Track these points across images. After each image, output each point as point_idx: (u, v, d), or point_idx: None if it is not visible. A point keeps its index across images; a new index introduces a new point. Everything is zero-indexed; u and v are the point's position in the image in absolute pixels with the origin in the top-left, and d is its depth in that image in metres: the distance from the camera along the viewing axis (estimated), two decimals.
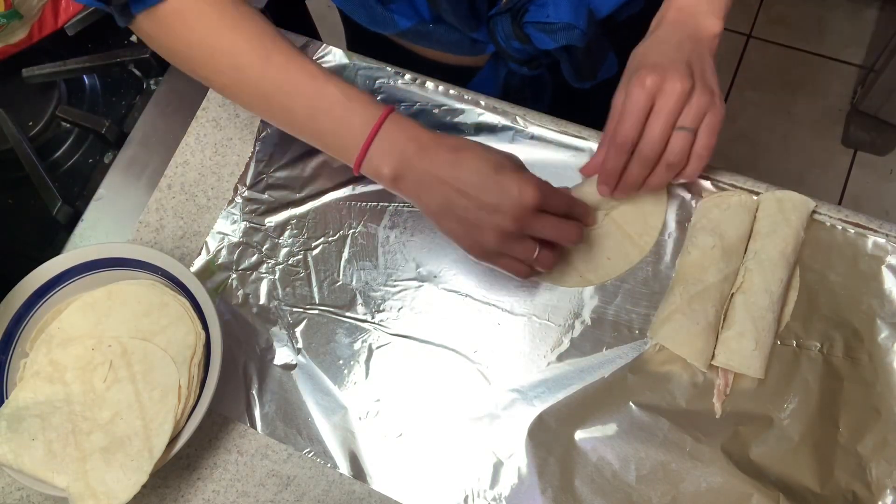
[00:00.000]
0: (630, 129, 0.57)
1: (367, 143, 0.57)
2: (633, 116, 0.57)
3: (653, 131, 0.57)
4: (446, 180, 0.56)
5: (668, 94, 0.56)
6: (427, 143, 0.57)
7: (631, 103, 0.57)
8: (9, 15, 0.80)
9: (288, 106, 0.60)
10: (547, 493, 0.58)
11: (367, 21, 0.70)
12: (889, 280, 0.61)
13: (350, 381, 0.64)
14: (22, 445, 0.58)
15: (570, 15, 0.63)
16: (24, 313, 0.63)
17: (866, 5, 1.76)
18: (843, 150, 1.65)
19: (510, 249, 0.57)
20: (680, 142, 0.57)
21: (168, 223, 0.71)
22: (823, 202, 0.64)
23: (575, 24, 0.64)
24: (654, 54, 0.59)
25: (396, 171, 0.57)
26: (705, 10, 0.60)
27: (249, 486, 0.62)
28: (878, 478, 0.55)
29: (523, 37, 0.65)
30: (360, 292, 0.66)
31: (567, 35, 0.64)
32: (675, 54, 0.58)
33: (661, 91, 0.56)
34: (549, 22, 0.64)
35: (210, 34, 0.59)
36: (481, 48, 0.70)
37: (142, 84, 0.83)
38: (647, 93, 0.56)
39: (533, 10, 0.64)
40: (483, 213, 0.55)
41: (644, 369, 0.61)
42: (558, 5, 0.64)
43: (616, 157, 0.59)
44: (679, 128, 0.57)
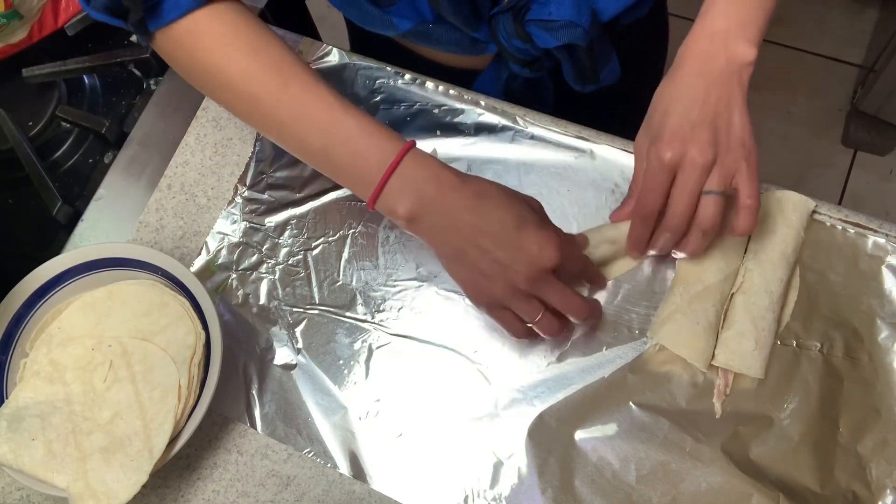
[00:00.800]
0: (653, 203, 0.56)
1: (384, 181, 0.55)
2: (655, 191, 0.55)
3: (676, 206, 0.55)
4: (463, 227, 0.54)
5: (688, 169, 0.54)
6: (447, 184, 0.55)
7: (651, 177, 0.55)
8: (9, 15, 0.80)
9: (303, 136, 0.57)
10: (547, 493, 0.58)
11: (366, 23, 0.70)
12: (889, 280, 0.61)
13: (350, 381, 0.64)
14: (22, 445, 0.58)
15: (572, 12, 0.63)
16: (24, 313, 0.63)
17: (866, 5, 1.76)
18: (843, 150, 1.65)
19: (515, 306, 0.56)
20: (711, 207, 0.54)
21: (168, 223, 0.71)
22: (823, 202, 0.64)
23: (577, 22, 0.63)
24: (676, 114, 0.55)
25: (412, 212, 0.55)
26: (738, 36, 0.55)
27: (249, 486, 0.62)
28: (878, 478, 0.55)
29: (525, 35, 0.65)
30: (360, 292, 0.66)
31: (569, 33, 0.64)
32: (699, 114, 0.54)
33: (682, 166, 0.54)
34: (551, 19, 0.64)
35: (226, 58, 0.57)
36: (482, 48, 0.70)
37: (142, 84, 0.83)
38: (668, 168, 0.54)
39: (535, 9, 0.64)
40: (496, 265, 0.54)
41: (644, 369, 0.61)
42: (561, 3, 0.63)
43: (642, 228, 0.58)
44: (707, 192, 0.54)
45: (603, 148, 0.68)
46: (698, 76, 0.55)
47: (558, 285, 0.55)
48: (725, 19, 0.55)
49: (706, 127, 0.54)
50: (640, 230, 0.59)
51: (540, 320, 0.56)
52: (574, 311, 0.56)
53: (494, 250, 0.54)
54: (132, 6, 0.56)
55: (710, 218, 0.55)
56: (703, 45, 0.56)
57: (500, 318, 0.58)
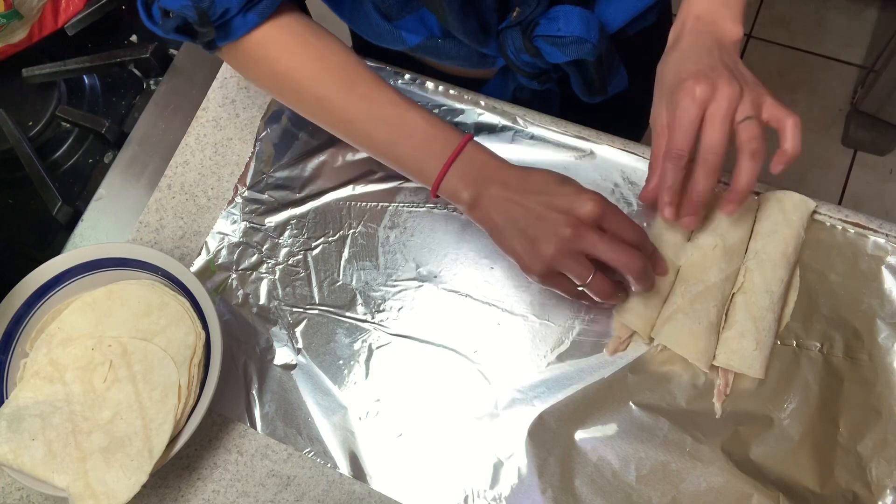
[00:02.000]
0: (684, 140, 0.55)
1: (447, 167, 0.59)
2: (686, 128, 0.55)
3: (712, 136, 0.54)
4: (513, 195, 0.57)
5: (720, 100, 0.54)
6: (503, 166, 0.59)
7: (682, 115, 0.55)
8: (9, 15, 0.80)
9: (370, 132, 0.62)
10: (547, 493, 0.58)
11: (375, 38, 0.70)
12: (889, 280, 0.61)
13: (350, 381, 0.64)
14: (22, 445, 0.58)
15: (581, 29, 0.63)
16: (24, 313, 0.63)
17: (866, 5, 1.76)
18: (843, 150, 1.65)
19: (566, 267, 0.56)
20: (752, 129, 0.54)
21: (168, 223, 0.71)
22: (823, 202, 0.64)
23: (586, 38, 0.63)
24: (690, 63, 0.57)
25: (473, 194, 0.59)
26: (724, 16, 0.59)
27: (249, 486, 0.62)
28: (878, 478, 0.55)
29: (533, 50, 0.65)
30: (360, 292, 0.66)
31: (578, 49, 0.64)
32: (711, 60, 0.56)
33: (713, 98, 0.54)
34: (560, 35, 0.64)
35: (294, 66, 0.62)
36: (490, 62, 0.70)
37: (142, 84, 0.83)
38: (699, 102, 0.54)
39: (543, 24, 0.64)
40: (542, 224, 0.55)
41: (644, 369, 0.61)
42: (569, 19, 0.63)
43: (674, 172, 0.56)
44: (741, 120, 0.54)
45: (603, 148, 0.68)
46: (697, 41, 0.58)
47: (605, 236, 0.55)
48: (709, 2, 0.59)
49: (723, 67, 0.55)
50: (673, 175, 0.56)
51: (592, 281, 0.56)
52: (625, 265, 0.55)
53: (537, 206, 0.56)
54: (203, 28, 0.59)
55: (756, 137, 0.54)
56: (692, 24, 0.59)
57: (555, 284, 0.58)
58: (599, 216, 0.55)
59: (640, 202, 0.66)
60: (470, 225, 0.67)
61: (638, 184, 0.66)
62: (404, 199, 0.69)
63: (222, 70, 0.76)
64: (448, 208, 0.68)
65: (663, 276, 0.61)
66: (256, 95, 0.75)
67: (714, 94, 0.54)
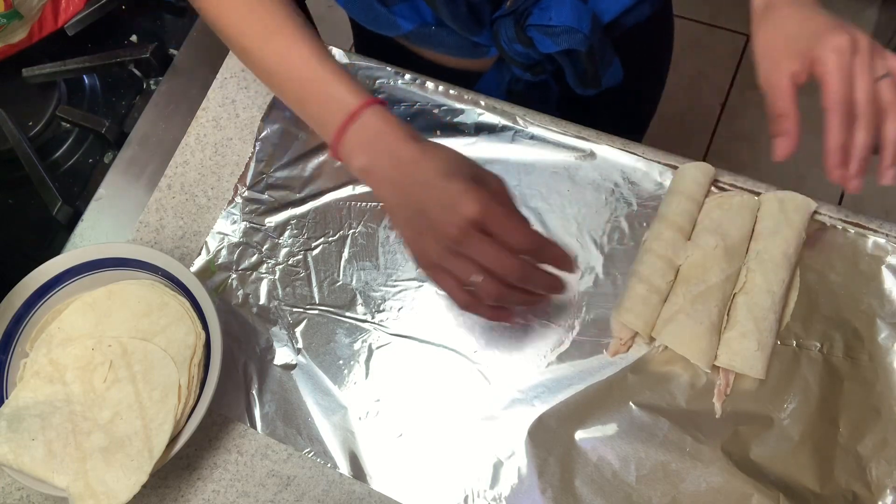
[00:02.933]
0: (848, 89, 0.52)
1: (342, 129, 0.57)
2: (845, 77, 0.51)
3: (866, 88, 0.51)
4: (401, 178, 0.55)
5: (863, 52, 0.51)
6: (402, 139, 0.55)
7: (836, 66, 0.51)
8: (9, 15, 0.80)
9: (283, 89, 0.62)
10: (547, 493, 0.58)
11: (370, 23, 0.70)
12: (889, 280, 0.61)
13: (350, 381, 0.64)
14: (22, 445, 0.58)
15: (572, 18, 0.63)
16: (24, 313, 0.63)
17: (866, 5, 1.76)
18: None
19: (450, 265, 0.53)
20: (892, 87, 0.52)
21: (168, 223, 0.71)
22: (824, 202, 0.64)
23: (577, 28, 0.63)
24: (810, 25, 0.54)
25: (366, 164, 0.56)
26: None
27: (249, 486, 0.62)
28: (878, 478, 0.55)
29: (526, 40, 0.65)
30: (360, 292, 0.66)
31: (569, 38, 0.64)
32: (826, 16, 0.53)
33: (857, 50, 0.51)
34: (552, 25, 0.64)
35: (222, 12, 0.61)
36: (483, 52, 0.70)
37: (142, 84, 0.83)
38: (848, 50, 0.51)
39: (536, 14, 0.64)
40: (425, 218, 0.53)
41: (644, 369, 0.61)
42: (561, 8, 0.63)
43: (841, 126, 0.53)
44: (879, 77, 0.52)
45: (603, 148, 0.68)
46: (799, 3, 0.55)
47: (488, 242, 0.52)
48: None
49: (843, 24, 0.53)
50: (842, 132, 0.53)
51: (481, 284, 0.53)
52: (506, 273, 0.52)
53: (424, 201, 0.53)
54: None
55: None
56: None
57: (442, 283, 0.56)
58: (481, 219, 0.51)
59: (639, 202, 0.66)
60: None
61: (638, 184, 0.66)
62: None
63: (222, 70, 0.76)
64: None
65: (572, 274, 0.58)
66: (256, 95, 0.75)
67: (856, 47, 0.51)
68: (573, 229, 0.65)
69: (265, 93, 0.74)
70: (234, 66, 0.76)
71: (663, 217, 0.63)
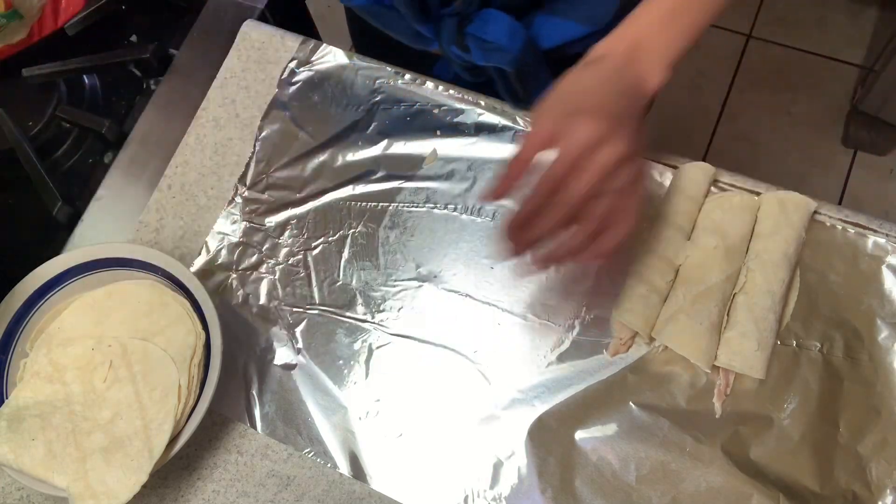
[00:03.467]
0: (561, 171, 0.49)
1: None
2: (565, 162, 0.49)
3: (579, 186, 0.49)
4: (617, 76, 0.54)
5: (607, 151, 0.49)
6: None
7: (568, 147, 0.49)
8: (9, 15, 0.80)
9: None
10: (547, 493, 0.58)
11: None
12: (889, 280, 0.61)
13: (350, 381, 0.64)
14: (22, 445, 0.58)
15: (505, 38, 0.63)
16: (24, 313, 0.63)
17: (866, 5, 1.76)
18: (843, 150, 1.65)
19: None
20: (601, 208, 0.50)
21: (168, 223, 0.71)
22: (824, 202, 0.64)
23: (508, 49, 0.63)
24: (596, 96, 0.51)
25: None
26: (658, 57, 0.54)
27: (249, 486, 0.62)
28: (878, 478, 0.55)
29: (463, 46, 0.65)
30: (360, 292, 0.66)
31: (499, 57, 0.64)
32: (615, 103, 0.51)
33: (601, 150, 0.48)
34: (486, 39, 0.64)
35: None
36: (427, 43, 0.70)
37: (142, 84, 0.83)
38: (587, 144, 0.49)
39: (477, 23, 0.64)
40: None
41: (644, 369, 0.61)
42: (497, 25, 0.63)
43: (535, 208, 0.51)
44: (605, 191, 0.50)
45: None
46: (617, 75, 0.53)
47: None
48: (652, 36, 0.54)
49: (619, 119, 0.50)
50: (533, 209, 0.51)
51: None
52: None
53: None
54: None
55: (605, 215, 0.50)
56: (625, 50, 0.54)
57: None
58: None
59: None
60: (470, 225, 0.67)
61: None
62: (404, 199, 0.69)
63: (222, 70, 0.76)
64: (448, 208, 0.68)
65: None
66: (256, 96, 0.75)
67: (603, 144, 0.48)
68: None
69: (265, 93, 0.74)
70: (234, 67, 0.76)
71: (663, 217, 0.63)
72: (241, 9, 0.81)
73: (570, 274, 0.64)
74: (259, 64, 0.76)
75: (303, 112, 0.73)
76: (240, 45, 0.77)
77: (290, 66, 0.75)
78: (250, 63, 0.76)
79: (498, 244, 0.51)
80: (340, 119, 0.72)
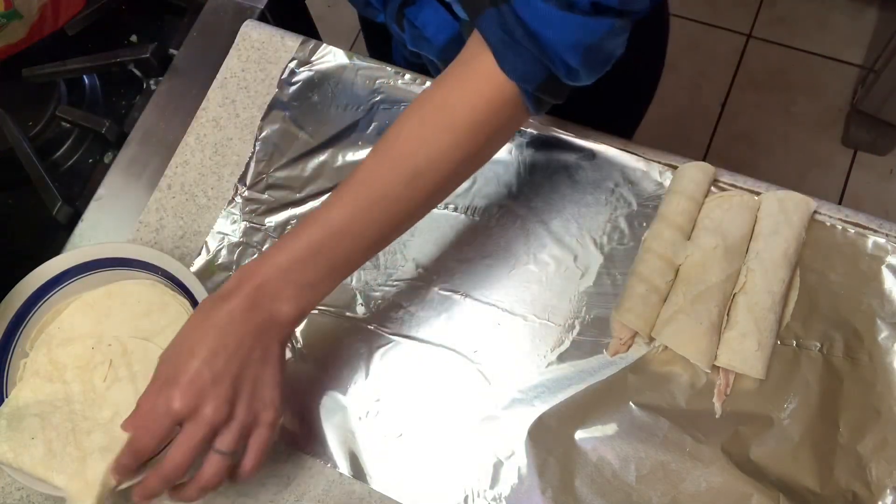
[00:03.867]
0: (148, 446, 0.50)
1: None
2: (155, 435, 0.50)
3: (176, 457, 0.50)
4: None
5: (199, 424, 0.49)
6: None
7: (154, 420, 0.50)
8: (9, 15, 0.80)
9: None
10: (547, 493, 0.58)
11: None
12: (889, 280, 0.61)
13: (350, 381, 0.64)
14: (22, 444, 0.58)
15: (431, 28, 0.62)
16: (24, 313, 0.63)
17: (866, 5, 1.76)
18: (843, 150, 1.65)
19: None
20: (214, 466, 0.51)
21: (168, 223, 0.71)
22: (824, 202, 0.64)
23: (432, 40, 0.63)
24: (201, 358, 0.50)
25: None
26: (288, 295, 0.51)
27: (249, 486, 0.62)
28: (878, 478, 0.55)
29: (401, 26, 0.65)
30: (360, 292, 0.66)
31: (426, 46, 0.63)
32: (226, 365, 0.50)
33: (192, 418, 0.49)
34: (415, 25, 0.63)
35: None
36: (373, 13, 0.69)
37: (142, 84, 0.83)
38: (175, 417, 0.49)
39: (416, 6, 0.63)
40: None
41: (644, 369, 0.61)
42: (427, 14, 0.62)
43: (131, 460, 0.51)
44: (216, 451, 0.51)
45: (603, 148, 0.68)
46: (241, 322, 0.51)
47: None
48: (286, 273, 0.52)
49: (229, 382, 0.50)
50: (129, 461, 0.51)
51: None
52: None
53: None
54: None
55: (211, 477, 0.51)
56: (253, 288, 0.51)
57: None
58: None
59: (639, 202, 0.66)
60: (470, 225, 0.67)
61: (638, 184, 0.66)
62: None
63: (222, 70, 0.76)
64: (448, 208, 0.68)
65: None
66: (256, 95, 0.75)
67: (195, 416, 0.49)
68: (573, 229, 0.65)
69: (265, 93, 0.74)
70: (234, 67, 0.76)
71: (663, 217, 0.63)
72: (241, 9, 0.81)
73: (570, 274, 0.64)
74: (259, 64, 0.76)
75: (303, 112, 0.73)
76: (240, 45, 0.77)
77: (290, 66, 0.75)
78: (250, 63, 0.76)
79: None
80: (340, 119, 0.72)
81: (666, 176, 0.66)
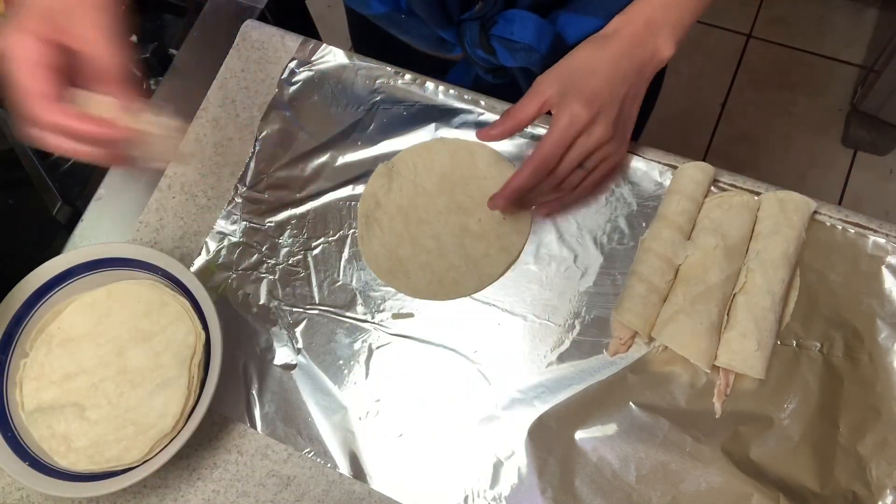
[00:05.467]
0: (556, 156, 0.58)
1: None
2: (563, 145, 0.58)
3: (566, 166, 0.59)
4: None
5: (594, 136, 0.58)
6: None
7: (561, 133, 0.57)
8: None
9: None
10: (547, 493, 0.58)
11: None
12: (889, 280, 0.61)
13: (350, 381, 0.64)
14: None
15: (533, 37, 0.63)
16: (24, 313, 0.63)
17: (866, 5, 1.76)
18: (843, 150, 1.65)
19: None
20: (576, 179, 0.61)
21: (168, 223, 0.71)
22: (824, 202, 0.64)
23: (535, 48, 0.63)
24: (601, 78, 0.58)
25: None
26: (669, 35, 0.59)
27: (249, 486, 0.62)
28: (878, 478, 0.55)
29: (488, 47, 0.65)
30: (360, 292, 0.66)
31: (527, 57, 0.64)
32: (618, 88, 0.58)
33: (588, 130, 0.58)
34: (513, 40, 0.64)
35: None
36: (449, 48, 0.70)
37: (142, 84, 0.83)
38: (581, 126, 0.57)
39: (501, 24, 0.64)
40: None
41: (644, 369, 0.61)
42: (524, 25, 0.63)
43: (532, 178, 0.59)
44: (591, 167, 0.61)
45: None
46: (628, 57, 0.59)
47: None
48: (665, 13, 0.59)
49: (618, 105, 0.58)
50: (533, 179, 0.59)
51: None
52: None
53: None
54: None
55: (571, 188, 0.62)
56: (638, 28, 0.59)
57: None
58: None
59: (639, 202, 0.66)
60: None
61: (638, 184, 0.66)
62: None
63: (222, 70, 0.76)
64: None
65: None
66: (256, 95, 0.75)
67: (591, 129, 0.58)
68: (573, 229, 0.65)
69: (265, 93, 0.74)
70: (234, 66, 0.76)
71: (663, 217, 0.63)
72: (241, 9, 0.81)
73: (570, 274, 0.64)
74: (259, 64, 0.76)
75: (303, 112, 0.73)
76: (240, 45, 0.77)
77: (290, 66, 0.75)
78: (250, 63, 0.76)
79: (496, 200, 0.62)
80: (340, 119, 0.72)
81: (666, 176, 0.66)
